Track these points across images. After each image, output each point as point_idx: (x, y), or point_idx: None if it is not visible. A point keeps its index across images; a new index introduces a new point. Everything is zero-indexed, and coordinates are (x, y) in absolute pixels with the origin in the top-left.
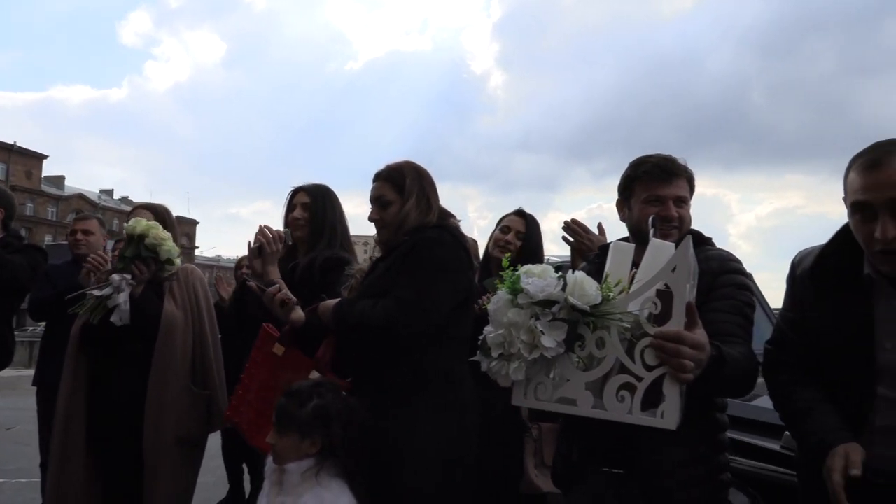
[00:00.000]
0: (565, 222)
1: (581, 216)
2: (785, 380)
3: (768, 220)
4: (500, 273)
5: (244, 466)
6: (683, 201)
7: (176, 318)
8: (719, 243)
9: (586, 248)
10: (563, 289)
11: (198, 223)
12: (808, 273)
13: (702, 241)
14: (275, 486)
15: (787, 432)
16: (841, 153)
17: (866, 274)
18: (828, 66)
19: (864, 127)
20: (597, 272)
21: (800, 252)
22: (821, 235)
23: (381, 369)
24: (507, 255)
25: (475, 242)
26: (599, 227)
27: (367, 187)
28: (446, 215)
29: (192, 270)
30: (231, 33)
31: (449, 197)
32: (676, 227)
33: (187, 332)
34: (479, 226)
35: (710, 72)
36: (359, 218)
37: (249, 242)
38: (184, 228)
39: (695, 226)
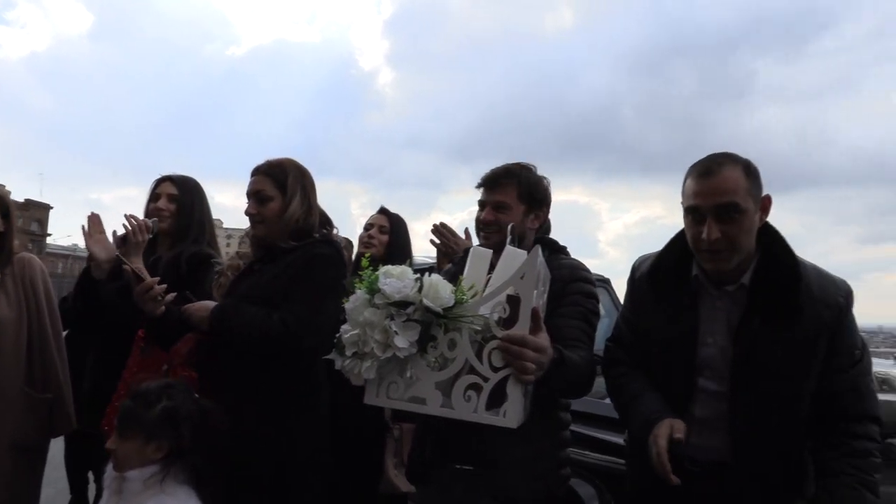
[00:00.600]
0: (434, 225)
1: (463, 217)
2: (619, 373)
3: (635, 228)
4: (359, 273)
5: (89, 475)
6: (504, 206)
7: (4, 316)
8: (590, 250)
9: (452, 251)
10: (420, 290)
11: (51, 208)
12: (646, 276)
13: (557, 251)
14: (114, 496)
15: None
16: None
17: (694, 275)
18: (689, 88)
19: (718, 145)
20: (458, 275)
21: (640, 257)
22: None
23: (252, 373)
24: (368, 253)
25: (349, 242)
26: (466, 231)
27: (245, 178)
28: (326, 221)
29: (30, 261)
30: (99, 3)
31: (333, 193)
32: (495, 230)
33: (20, 330)
34: (361, 223)
35: (586, 86)
36: (237, 211)
37: (115, 232)
38: (34, 213)
39: (568, 232)
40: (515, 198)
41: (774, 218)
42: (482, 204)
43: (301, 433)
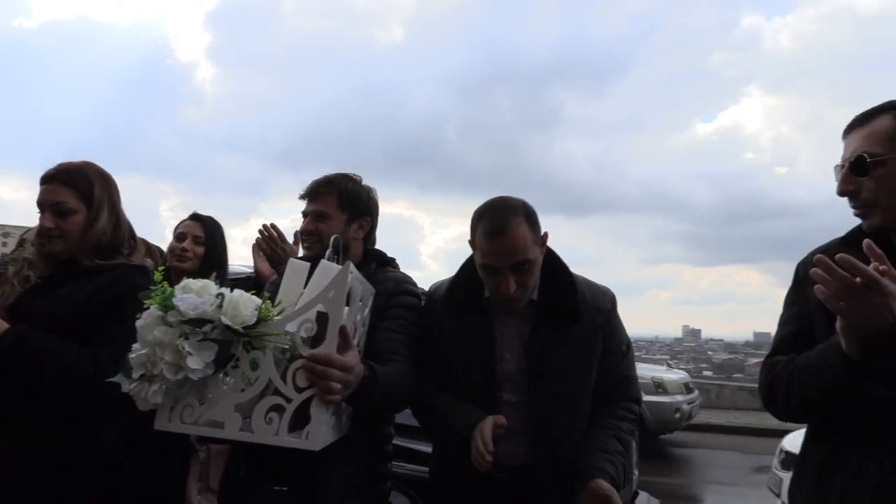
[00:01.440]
0: (263, 225)
1: (284, 225)
2: (425, 392)
3: (454, 242)
4: (151, 287)
5: None
6: (324, 216)
7: None
8: (412, 262)
9: (279, 257)
10: (221, 307)
11: None
12: (442, 301)
13: (384, 263)
14: None
15: None
16: (512, 189)
17: (486, 297)
18: (507, 114)
19: (531, 169)
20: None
21: (434, 284)
22: None
23: (28, 401)
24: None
25: (160, 250)
26: (296, 236)
27: (30, 167)
28: (132, 234)
29: None
30: None
31: (140, 192)
32: (316, 241)
33: None
34: (171, 226)
35: (413, 103)
36: (17, 205)
37: None
38: None
39: (393, 244)
40: (336, 207)
41: (576, 239)
42: (304, 214)
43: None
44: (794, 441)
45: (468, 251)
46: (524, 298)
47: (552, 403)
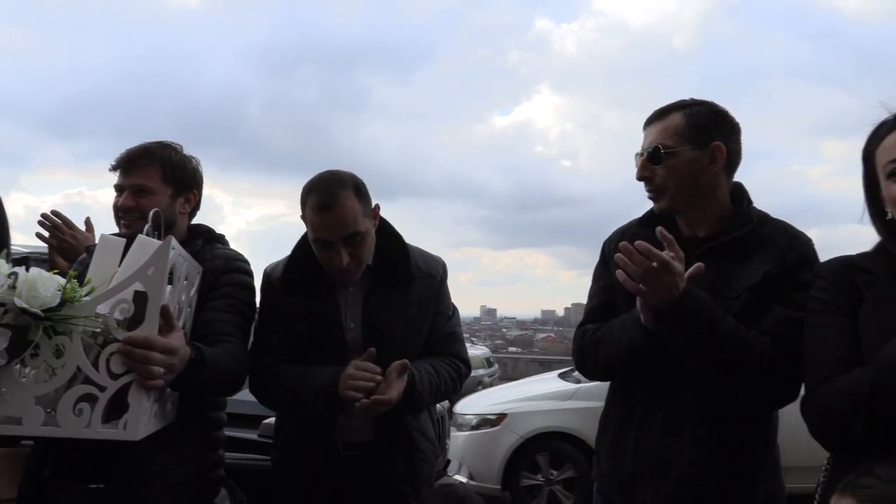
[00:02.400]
0: (42, 215)
1: (57, 202)
2: (269, 361)
3: (256, 224)
4: None
5: None
6: (145, 190)
7: None
8: None
9: (69, 246)
10: (14, 288)
11: None
12: (281, 281)
13: (212, 240)
14: None
15: (264, 421)
16: (318, 169)
17: (326, 271)
18: (314, 94)
19: (338, 151)
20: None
21: (269, 265)
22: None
23: None
24: None
25: None
26: (87, 222)
27: None
28: None
29: None
30: None
31: None
32: (136, 217)
33: None
34: None
35: (211, 74)
36: None
37: None
38: None
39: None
40: (159, 180)
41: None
42: (119, 188)
43: None
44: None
45: (271, 232)
46: (359, 271)
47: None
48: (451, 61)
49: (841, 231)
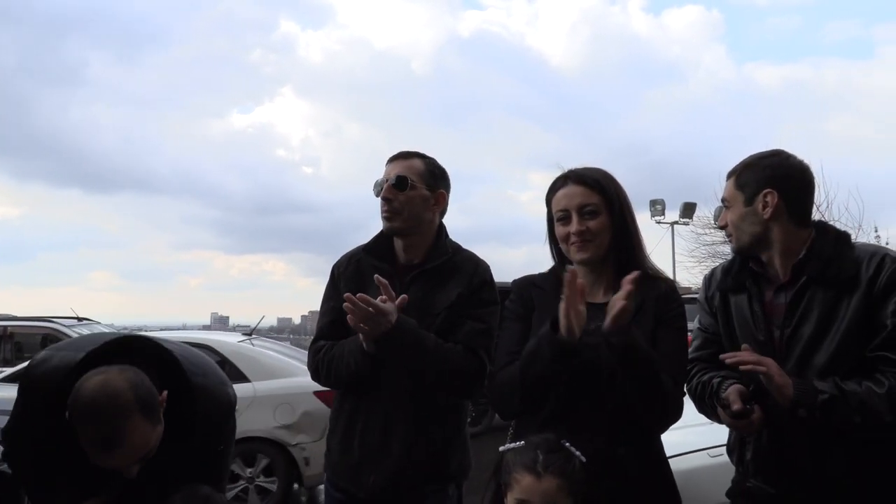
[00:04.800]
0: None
1: None
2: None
3: None
4: None
5: None
6: None
7: None
8: None
9: None
10: None
11: None
12: None
13: None
14: None
15: None
16: (14, 152)
17: None
18: (10, 61)
19: (40, 130)
20: None
21: None
22: None
23: None
24: None
25: None
26: None
27: None
28: None
29: None
30: None
31: None
32: None
33: None
34: None
35: None
36: None
37: None
38: None
39: None
40: None
41: (97, 218)
42: None
43: None
44: None
45: None
46: None
47: None
48: (188, 48)
49: (545, 248)
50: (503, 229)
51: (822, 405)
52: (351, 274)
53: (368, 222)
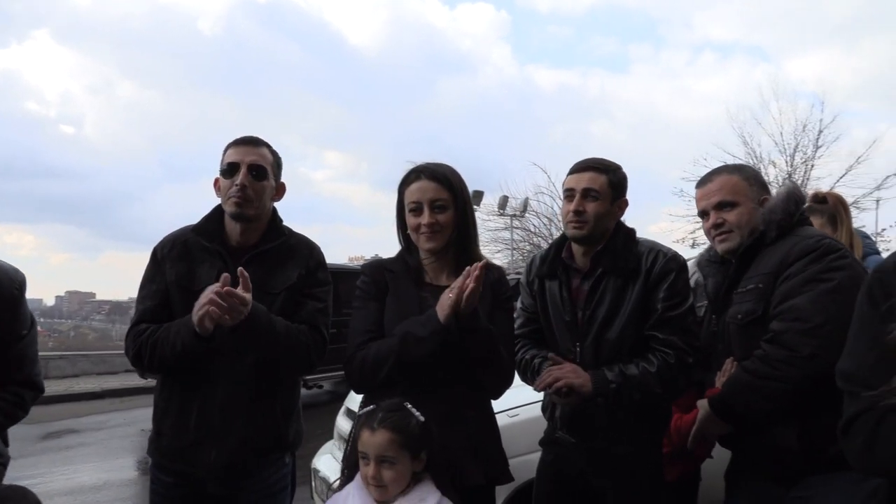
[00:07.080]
0: None
1: None
2: None
3: None
4: None
5: None
6: None
7: None
8: None
9: None
10: None
11: None
12: None
13: None
14: None
15: None
16: None
17: None
18: None
19: None
20: None
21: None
22: None
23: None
24: None
25: None
26: None
27: None
28: None
29: None
30: None
31: None
32: None
33: None
34: None
35: None
36: None
37: None
38: None
39: None
40: None
41: None
42: None
43: None
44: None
45: None
46: None
47: None
48: None
49: (336, 229)
50: (293, 207)
51: (614, 392)
52: (177, 256)
53: (145, 195)
